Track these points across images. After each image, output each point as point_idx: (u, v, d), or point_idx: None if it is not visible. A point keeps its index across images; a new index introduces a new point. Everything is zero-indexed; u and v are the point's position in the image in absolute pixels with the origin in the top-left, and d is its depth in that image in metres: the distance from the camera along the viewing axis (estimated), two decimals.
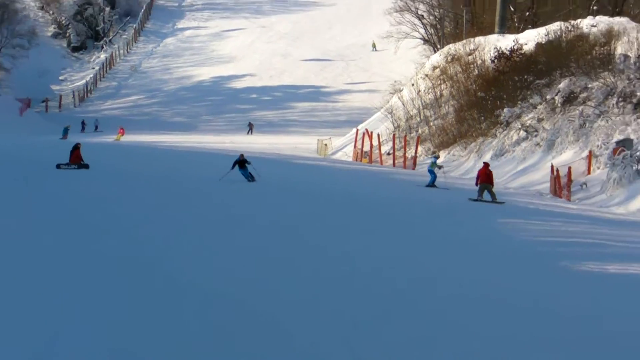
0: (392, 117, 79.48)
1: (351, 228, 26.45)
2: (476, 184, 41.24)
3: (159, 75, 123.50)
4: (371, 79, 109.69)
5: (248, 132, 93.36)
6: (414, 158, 68.54)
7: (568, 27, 67.43)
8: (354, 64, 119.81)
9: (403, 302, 15.48)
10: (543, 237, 27.55)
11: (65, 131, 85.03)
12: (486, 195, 39.34)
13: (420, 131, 75.12)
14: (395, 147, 71.73)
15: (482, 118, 67.02)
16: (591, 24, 65.76)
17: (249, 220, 26.74)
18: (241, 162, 41.64)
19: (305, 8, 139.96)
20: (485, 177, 40.34)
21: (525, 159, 57.91)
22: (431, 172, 45.86)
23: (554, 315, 15.18)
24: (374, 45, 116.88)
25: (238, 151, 44.26)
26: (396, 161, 70.22)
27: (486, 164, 41.90)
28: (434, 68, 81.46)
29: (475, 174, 59.32)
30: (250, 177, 41.30)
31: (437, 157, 47.32)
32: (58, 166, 41.54)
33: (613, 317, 15.36)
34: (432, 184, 45.52)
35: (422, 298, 16.24)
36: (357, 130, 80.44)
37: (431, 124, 75.06)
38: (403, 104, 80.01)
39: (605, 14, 69.75)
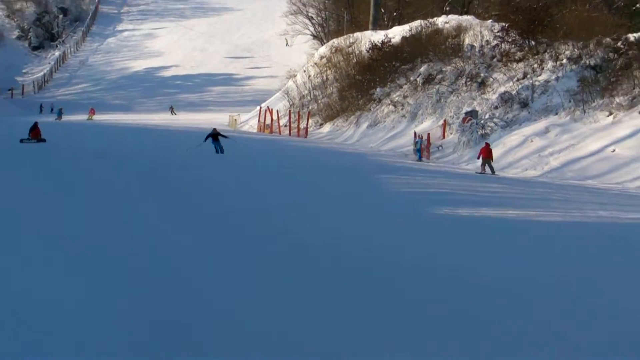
0: (288, 97, 79.24)
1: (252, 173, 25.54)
2: (478, 158, 40.43)
3: (102, 67, 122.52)
4: (272, 68, 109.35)
5: (171, 113, 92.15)
6: (306, 129, 68.63)
7: (426, 24, 67.41)
8: (258, 55, 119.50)
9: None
10: (408, 188, 27.22)
11: (60, 113, 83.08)
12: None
13: (310, 107, 74.76)
14: (291, 120, 71.18)
15: (360, 96, 66.69)
16: (444, 21, 66.02)
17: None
18: (214, 136, 39.52)
19: (218, 12, 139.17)
20: (486, 154, 39.42)
21: (394, 127, 58.03)
22: (419, 152, 44.78)
23: (414, 241, 14.92)
24: (287, 42, 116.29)
25: (172, 126, 42.89)
26: (291, 131, 69.72)
27: (487, 144, 40.99)
28: (321, 58, 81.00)
29: (354, 140, 59.95)
30: (220, 150, 38.94)
31: (421, 139, 45.97)
32: (21, 141, 39.63)
33: (464, 250, 14.86)
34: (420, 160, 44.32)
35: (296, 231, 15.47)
36: (260, 107, 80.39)
37: (319, 101, 74.71)
38: (297, 86, 79.74)
39: (455, 13, 70.16)
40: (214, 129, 40.33)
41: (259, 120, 77.63)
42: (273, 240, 14.22)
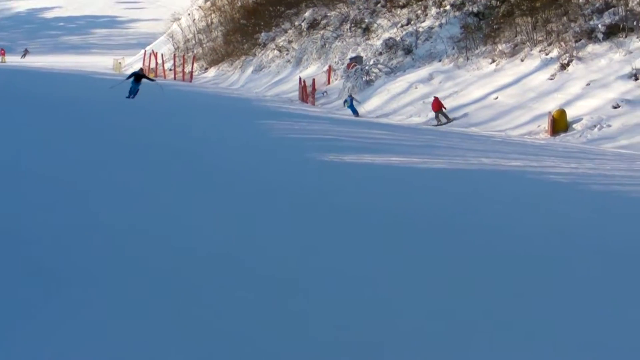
0: (172, 40, 77.69)
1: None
2: (433, 110, 38.66)
3: None
4: (157, 10, 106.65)
5: (22, 57, 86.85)
6: (191, 73, 67.12)
7: None
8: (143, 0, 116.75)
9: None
10: (293, 134, 26.10)
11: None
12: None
13: (195, 51, 73.18)
14: (176, 64, 69.38)
15: (245, 41, 65.63)
16: None
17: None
18: (138, 76, 36.34)
19: None
20: (437, 106, 38.05)
21: (279, 72, 57.17)
22: (352, 108, 41.68)
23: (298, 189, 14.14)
24: None
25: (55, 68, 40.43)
26: (176, 76, 67.90)
27: (436, 97, 39.05)
28: (206, 1, 79.54)
29: (239, 85, 58.84)
30: (133, 94, 35.79)
31: (352, 97, 42.97)
32: None
33: (345, 192, 14.68)
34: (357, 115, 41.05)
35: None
36: (145, 51, 78.33)
37: (204, 45, 73.45)
38: (181, 30, 78.41)
39: None
40: (141, 69, 38.32)
41: (143, 64, 75.38)
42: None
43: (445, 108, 37.93)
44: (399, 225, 11.90)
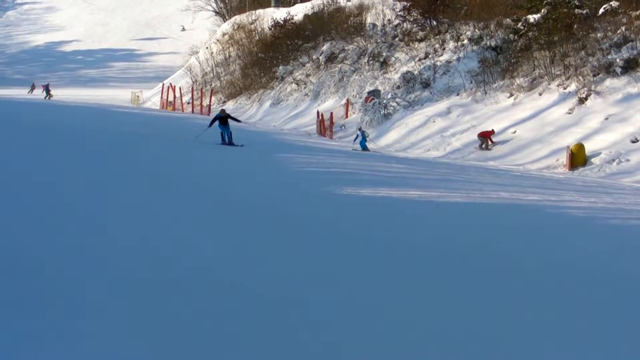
0: (190, 73, 78.07)
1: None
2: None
3: (2, 41, 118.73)
4: (174, 44, 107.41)
5: (29, 92, 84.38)
6: (209, 106, 66.67)
7: (329, 2, 66.68)
8: (160, 32, 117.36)
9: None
10: (311, 167, 26.30)
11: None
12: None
13: (213, 85, 73.57)
14: (194, 97, 69.79)
15: (262, 74, 65.96)
16: (347, 0, 65.04)
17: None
18: (222, 118, 32.36)
19: None
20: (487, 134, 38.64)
21: (297, 106, 57.37)
22: (362, 143, 40.42)
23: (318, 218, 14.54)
24: (183, 28, 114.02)
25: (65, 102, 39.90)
26: (194, 109, 68.16)
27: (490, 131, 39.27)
28: (224, 34, 79.92)
29: (257, 118, 59.05)
30: (229, 138, 32.24)
31: (363, 132, 41.76)
32: None
33: (361, 225, 14.88)
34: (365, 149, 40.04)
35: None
36: (163, 84, 78.66)
37: (222, 79, 73.75)
38: (199, 63, 78.62)
39: None
40: (222, 110, 34.02)
41: (161, 97, 75.97)
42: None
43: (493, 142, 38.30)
44: (416, 257, 12.24)
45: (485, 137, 37.79)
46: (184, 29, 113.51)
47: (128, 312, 8.06)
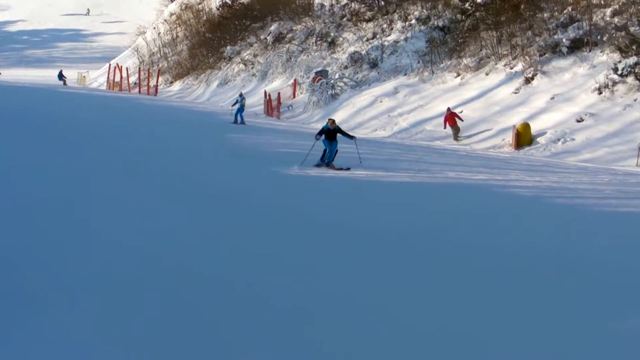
0: (138, 54, 76.91)
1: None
2: (444, 128, 36.76)
3: None
4: (122, 24, 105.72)
5: None
6: (156, 87, 65.82)
7: None
8: (107, 11, 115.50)
9: None
10: (260, 147, 25.87)
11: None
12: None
13: (160, 65, 72.45)
14: (141, 78, 68.76)
15: (210, 54, 65.16)
16: None
17: None
18: (331, 133, 22.00)
19: None
20: (452, 120, 36.18)
21: (244, 86, 56.56)
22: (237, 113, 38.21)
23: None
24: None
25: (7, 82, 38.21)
26: (141, 89, 67.20)
27: (449, 109, 36.97)
28: (171, 15, 78.86)
29: (204, 98, 58.16)
30: (329, 159, 21.96)
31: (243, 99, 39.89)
32: None
33: (307, 205, 14.76)
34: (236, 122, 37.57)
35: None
36: (110, 64, 77.36)
37: (169, 59, 72.74)
38: (147, 44, 77.41)
39: None
40: (332, 122, 22.67)
41: (108, 78, 74.82)
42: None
43: (461, 119, 36.49)
44: (357, 239, 11.90)
45: (454, 126, 36.24)
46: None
47: (99, 307, 7.72)
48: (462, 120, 36.20)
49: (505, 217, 15.14)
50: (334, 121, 22.88)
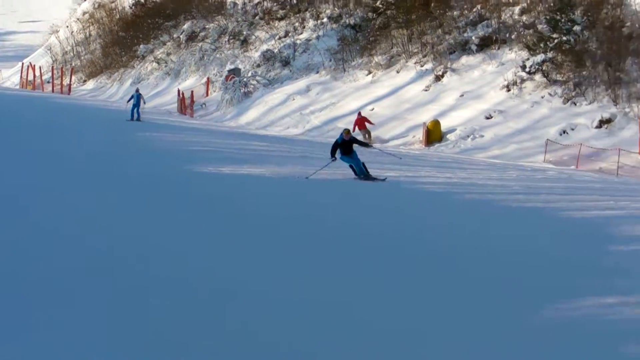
0: (51, 52, 74.99)
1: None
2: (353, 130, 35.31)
3: None
4: (34, 23, 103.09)
5: None
6: (69, 85, 64.27)
7: None
8: (18, 9, 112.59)
9: None
10: (175, 146, 25.34)
11: None
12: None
13: (73, 64, 70.84)
14: (54, 76, 67.07)
15: (123, 53, 63.78)
16: None
17: None
18: (346, 145, 19.62)
19: None
20: (362, 124, 34.88)
21: (158, 85, 55.75)
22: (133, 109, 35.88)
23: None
24: None
25: None
26: (54, 88, 65.45)
27: (360, 114, 35.80)
28: (84, 13, 76.98)
29: (118, 97, 57.07)
30: (360, 170, 19.66)
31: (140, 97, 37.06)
32: None
33: (220, 200, 14.41)
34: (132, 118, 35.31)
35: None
36: (23, 63, 75.33)
37: (82, 58, 71.04)
38: (60, 42, 75.44)
39: None
40: (347, 132, 20.23)
41: (21, 77, 72.84)
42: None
43: (372, 124, 35.47)
44: (271, 226, 11.95)
45: (360, 126, 35.15)
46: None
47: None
48: (373, 124, 35.69)
49: (411, 211, 15.07)
50: (349, 131, 20.43)
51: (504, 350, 7.08)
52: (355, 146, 20.05)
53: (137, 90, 37.95)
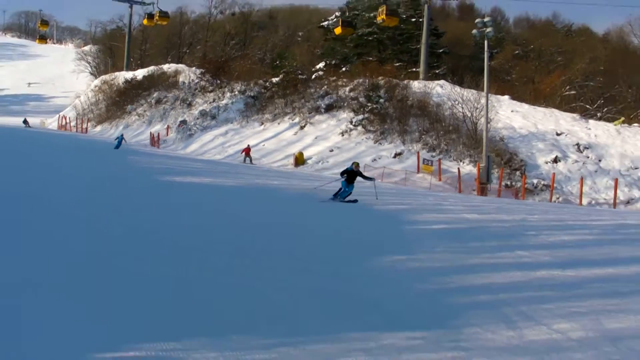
0: (76, 109, 68.45)
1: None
2: (241, 153, 32.28)
3: None
4: (66, 91, 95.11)
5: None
6: (86, 128, 58.88)
7: (157, 68, 58.94)
8: (57, 83, 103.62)
9: None
10: (152, 165, 21.53)
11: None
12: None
13: (89, 116, 64.78)
14: (78, 123, 61.33)
15: (118, 110, 58.18)
16: (168, 67, 58.28)
17: None
18: (353, 174, 14.19)
19: (33, 57, 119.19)
20: (247, 152, 31.63)
21: (138, 129, 50.88)
22: (118, 143, 30.91)
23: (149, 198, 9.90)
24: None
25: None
26: (78, 129, 59.91)
27: (248, 145, 32.86)
28: (95, 86, 70.62)
29: (115, 136, 51.73)
30: (343, 196, 14.11)
31: (122, 135, 32.73)
32: None
33: (172, 199, 10.82)
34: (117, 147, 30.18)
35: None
36: (59, 115, 68.99)
37: (94, 112, 64.78)
38: (81, 103, 68.91)
39: (174, 62, 62.71)
40: (356, 165, 14.65)
41: (58, 122, 66.46)
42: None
43: (248, 151, 32.20)
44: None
45: (247, 154, 32.16)
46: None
47: None
48: (249, 153, 32.06)
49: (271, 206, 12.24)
50: (358, 164, 14.71)
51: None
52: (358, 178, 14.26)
53: (122, 135, 33.73)
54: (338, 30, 37.96)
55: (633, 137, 29.20)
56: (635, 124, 31.48)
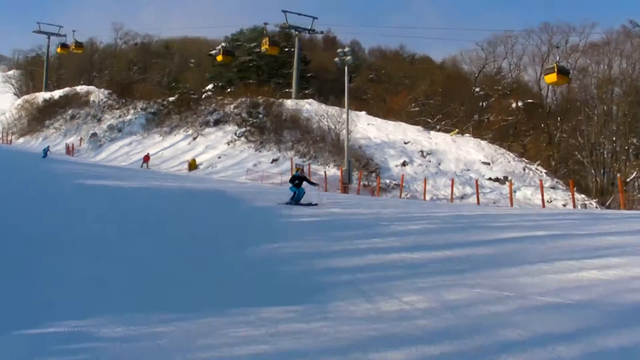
0: (1, 124, 59.07)
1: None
2: (145, 161, 29.78)
3: None
4: None
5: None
6: (10, 140, 51.30)
7: (72, 89, 52.99)
8: None
9: None
10: (63, 171, 18.51)
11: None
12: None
13: (13, 129, 56.92)
14: (2, 136, 53.99)
15: (39, 125, 51.78)
16: (80, 88, 53.15)
17: None
18: (299, 179, 12.25)
19: None
20: (147, 159, 28.98)
21: (56, 140, 45.27)
22: (44, 154, 27.60)
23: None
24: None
25: None
26: (3, 141, 52.60)
27: (147, 154, 30.25)
28: (19, 105, 61.85)
29: (35, 146, 46.72)
30: (298, 198, 12.00)
31: (48, 148, 29.20)
32: None
33: (87, 198, 8.72)
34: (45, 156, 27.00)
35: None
36: None
37: (18, 127, 56.24)
38: (6, 119, 59.35)
39: (86, 84, 56.92)
40: (301, 170, 13.00)
41: None
42: None
43: (148, 162, 30.60)
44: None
45: (145, 161, 30.96)
46: None
47: None
48: (148, 162, 30.69)
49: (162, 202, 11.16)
50: (301, 169, 13.29)
51: None
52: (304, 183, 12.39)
53: (48, 147, 31.33)
54: (220, 58, 36.78)
55: (465, 145, 30.05)
56: (467, 134, 32.45)
